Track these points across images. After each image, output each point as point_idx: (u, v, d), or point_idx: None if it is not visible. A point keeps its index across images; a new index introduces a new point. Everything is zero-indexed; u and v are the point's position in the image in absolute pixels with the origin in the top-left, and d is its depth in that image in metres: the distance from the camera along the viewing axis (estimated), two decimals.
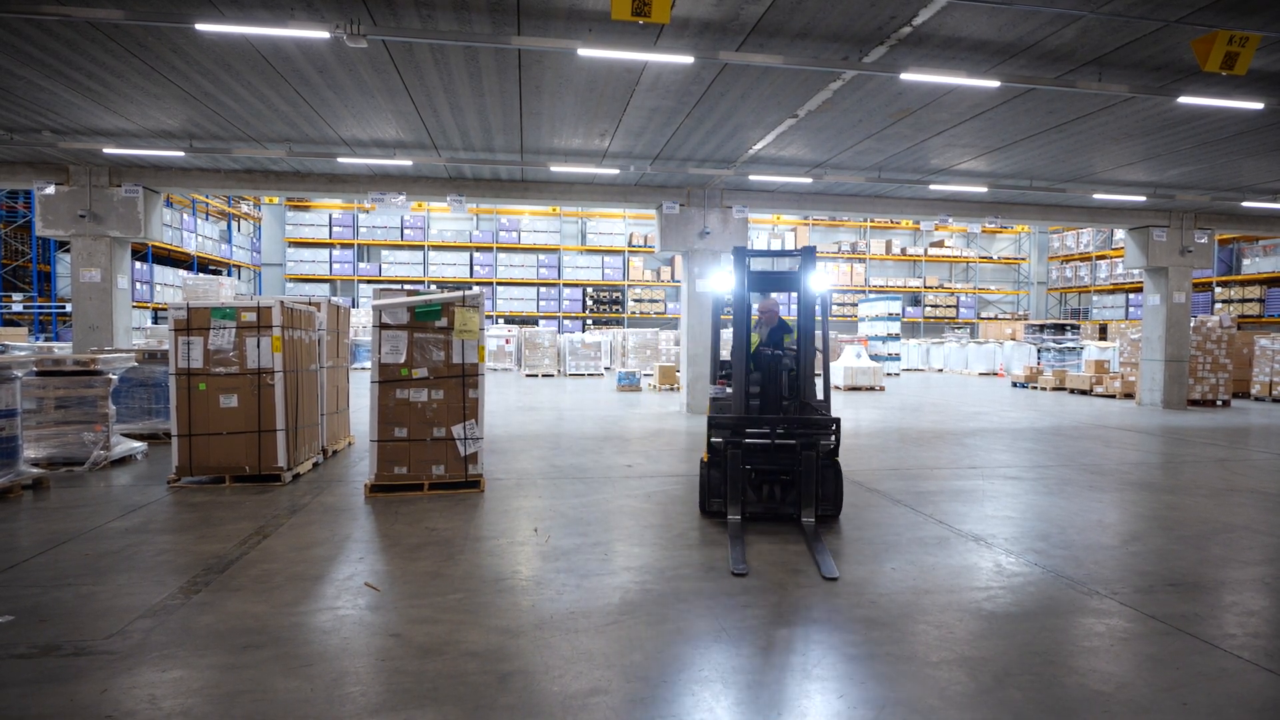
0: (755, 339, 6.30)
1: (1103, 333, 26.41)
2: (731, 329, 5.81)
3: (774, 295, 6.70)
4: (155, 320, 19.75)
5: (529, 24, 6.28)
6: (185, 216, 20.95)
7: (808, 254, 5.67)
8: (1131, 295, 26.46)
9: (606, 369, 22.51)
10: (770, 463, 5.42)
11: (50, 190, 11.08)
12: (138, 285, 18.05)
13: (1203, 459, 8.57)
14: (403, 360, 6.17)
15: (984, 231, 31.69)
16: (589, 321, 28.14)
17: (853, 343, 20.88)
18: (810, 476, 5.27)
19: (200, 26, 6.01)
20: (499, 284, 27.60)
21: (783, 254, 6.42)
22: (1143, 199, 12.98)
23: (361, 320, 22.62)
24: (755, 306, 6.36)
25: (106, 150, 10.18)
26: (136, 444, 7.75)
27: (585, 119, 9.06)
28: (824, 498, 5.43)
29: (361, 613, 3.71)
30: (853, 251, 30.27)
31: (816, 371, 6.27)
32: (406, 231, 27.66)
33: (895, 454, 8.53)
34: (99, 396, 7.23)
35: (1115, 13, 5.91)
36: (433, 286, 22.31)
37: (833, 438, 5.39)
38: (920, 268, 31.21)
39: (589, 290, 28.14)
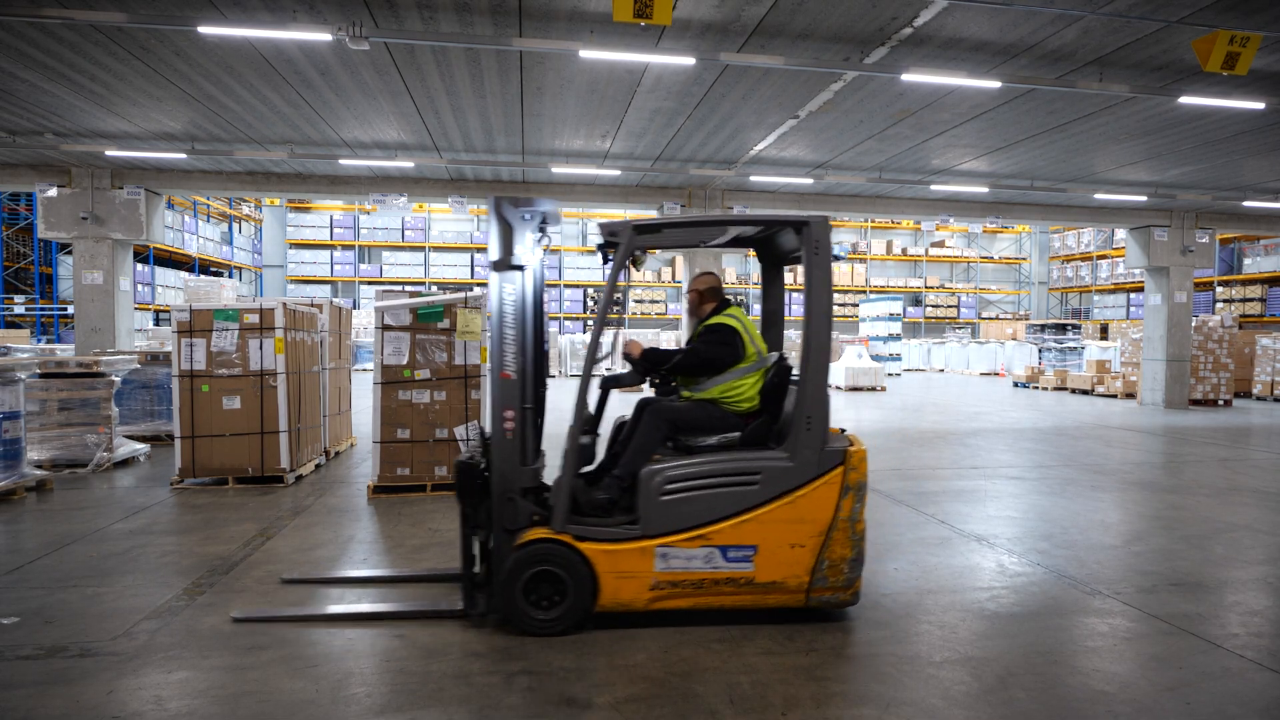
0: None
1: (1104, 332, 26.40)
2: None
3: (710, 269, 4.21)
4: (157, 322, 19.76)
5: (531, 26, 6.29)
6: (186, 218, 20.97)
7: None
8: (1133, 295, 26.45)
9: (608, 370, 22.50)
10: None
11: (52, 192, 11.10)
12: (139, 287, 18.05)
13: (1205, 459, 8.56)
14: (405, 361, 6.18)
15: (985, 231, 31.67)
16: (589, 322, 28.14)
17: (854, 343, 20.90)
18: (465, 553, 3.54)
19: (203, 29, 6.03)
20: None
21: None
22: (1144, 199, 12.98)
23: (363, 322, 22.59)
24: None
25: (108, 152, 10.20)
26: (139, 446, 7.77)
27: (587, 120, 9.07)
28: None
29: None
30: (854, 252, 30.25)
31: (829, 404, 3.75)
32: (408, 233, 27.67)
33: (897, 454, 8.53)
34: (102, 398, 7.24)
35: (1116, 13, 5.92)
36: (434, 288, 22.29)
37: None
38: (921, 268, 31.20)
39: (590, 291, 28.15)
